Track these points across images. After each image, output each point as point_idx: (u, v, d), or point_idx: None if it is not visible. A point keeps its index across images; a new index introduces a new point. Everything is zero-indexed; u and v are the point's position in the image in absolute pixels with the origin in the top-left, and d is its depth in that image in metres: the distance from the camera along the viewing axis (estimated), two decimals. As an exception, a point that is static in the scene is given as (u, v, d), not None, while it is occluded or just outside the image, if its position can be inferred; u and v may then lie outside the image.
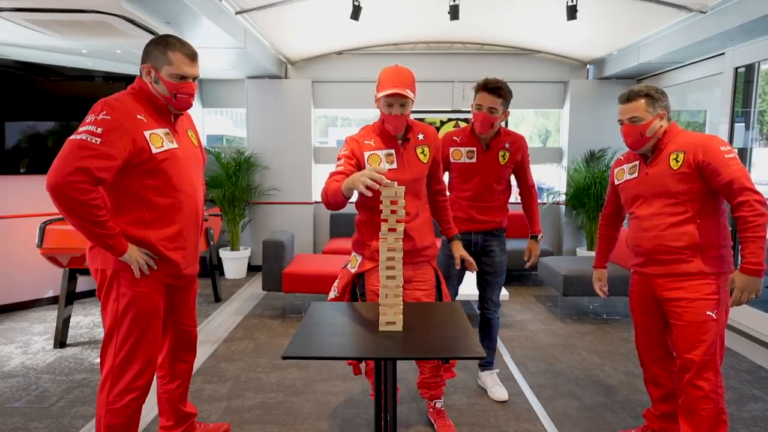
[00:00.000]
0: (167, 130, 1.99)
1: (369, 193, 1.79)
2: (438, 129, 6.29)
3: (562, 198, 6.20)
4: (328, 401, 2.94)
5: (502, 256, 2.93)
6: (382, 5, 4.54)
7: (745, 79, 4.36)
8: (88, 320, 4.34)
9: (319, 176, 6.50)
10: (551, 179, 6.83)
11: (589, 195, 5.82)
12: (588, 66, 6.24)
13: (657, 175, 2.16)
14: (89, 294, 5.02)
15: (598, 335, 4.05)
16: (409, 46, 6.07)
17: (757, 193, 1.95)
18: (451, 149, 2.82)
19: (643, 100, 2.14)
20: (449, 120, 6.27)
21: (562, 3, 4.09)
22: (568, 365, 3.48)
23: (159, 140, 1.92)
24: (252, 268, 6.21)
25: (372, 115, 7.11)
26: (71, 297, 3.85)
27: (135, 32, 3.87)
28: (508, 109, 2.70)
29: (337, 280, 2.46)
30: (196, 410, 2.45)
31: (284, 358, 1.59)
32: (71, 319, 3.96)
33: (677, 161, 2.11)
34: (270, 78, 6.05)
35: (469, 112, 6.26)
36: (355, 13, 4.11)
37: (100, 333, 4.04)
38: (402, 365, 3.36)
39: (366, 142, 2.28)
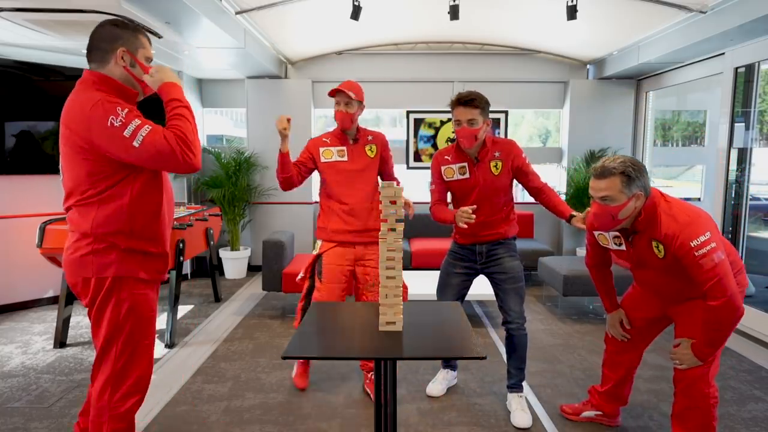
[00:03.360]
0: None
1: (285, 148, 2.67)
2: (438, 129, 6.29)
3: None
4: (328, 401, 2.94)
5: (513, 261, 2.76)
6: (382, 5, 4.54)
7: (745, 79, 4.36)
8: (88, 320, 4.34)
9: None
10: (551, 179, 6.82)
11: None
12: (588, 66, 6.24)
13: (643, 256, 2.09)
14: (89, 294, 5.02)
15: (598, 335, 4.04)
16: (409, 46, 6.06)
17: (727, 296, 1.87)
18: (443, 168, 2.74)
19: (618, 179, 1.96)
20: (449, 120, 6.27)
21: (562, 3, 4.09)
22: (568, 365, 3.47)
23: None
24: (252, 268, 6.21)
25: (372, 115, 7.11)
26: (71, 297, 3.85)
27: (135, 32, 3.87)
28: (489, 118, 2.62)
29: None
30: None
31: (284, 358, 1.59)
32: (71, 319, 3.96)
33: (659, 251, 2.01)
34: (270, 78, 6.05)
35: (469, 112, 6.25)
36: (355, 13, 4.11)
37: (100, 333, 4.03)
38: (402, 365, 3.36)
39: (324, 140, 2.89)
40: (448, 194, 2.83)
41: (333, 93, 2.79)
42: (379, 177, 2.95)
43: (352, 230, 2.81)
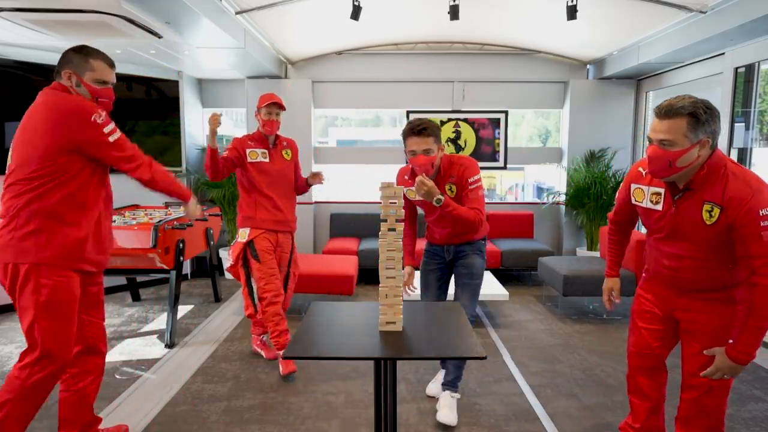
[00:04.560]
0: None
1: (214, 145, 3.13)
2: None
3: (562, 198, 6.20)
4: (328, 401, 2.94)
5: (476, 259, 2.77)
6: (382, 5, 4.54)
7: (745, 79, 4.36)
8: (88, 320, 4.34)
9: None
10: (551, 179, 6.83)
11: (589, 195, 5.82)
12: (588, 66, 6.24)
13: (686, 221, 1.81)
14: (89, 294, 5.02)
15: (598, 335, 4.04)
16: (409, 46, 6.06)
17: None
18: (405, 190, 2.72)
19: (684, 121, 1.68)
20: (449, 120, 6.27)
21: (562, 3, 4.09)
22: (568, 365, 3.47)
23: None
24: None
25: (371, 114, 7.11)
26: (71, 297, 3.85)
27: (135, 32, 3.88)
28: (442, 143, 2.60)
29: (230, 251, 3.39)
30: (101, 418, 2.46)
31: (284, 358, 1.59)
32: (71, 319, 3.96)
33: (711, 215, 1.74)
34: (270, 78, 6.05)
35: (468, 112, 6.26)
36: (355, 13, 4.11)
37: (100, 333, 4.04)
38: (402, 365, 3.36)
39: (248, 142, 3.30)
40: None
41: (267, 103, 3.24)
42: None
43: (276, 220, 3.33)
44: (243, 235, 3.31)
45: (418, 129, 2.49)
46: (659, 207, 1.88)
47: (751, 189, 1.68)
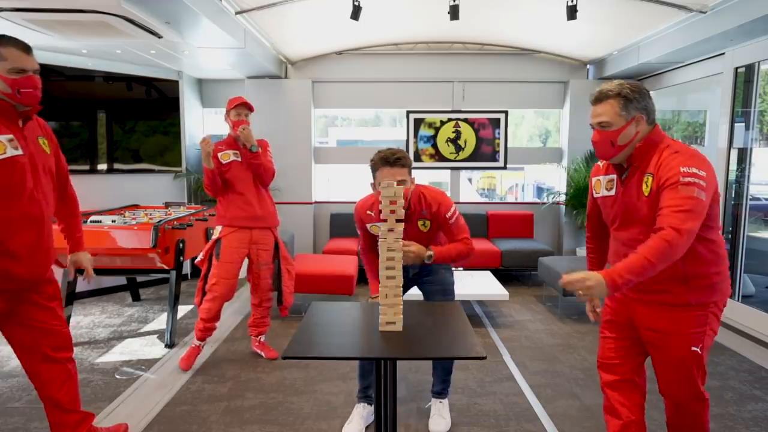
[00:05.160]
0: (11, 136, 1.94)
1: (210, 165, 3.24)
2: (438, 129, 6.29)
3: (562, 198, 6.20)
4: (328, 401, 2.94)
5: (447, 274, 2.69)
6: (382, 5, 4.54)
7: (745, 79, 4.36)
8: (88, 320, 4.34)
9: (320, 176, 6.50)
10: (551, 179, 6.83)
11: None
12: (588, 66, 6.24)
13: (632, 198, 1.84)
14: (89, 294, 5.02)
15: (598, 335, 4.04)
16: (409, 46, 6.07)
17: (685, 223, 1.60)
18: (368, 225, 2.57)
19: (615, 102, 1.81)
20: (449, 120, 6.27)
21: (562, 3, 4.09)
22: (568, 365, 3.47)
23: (2, 147, 1.90)
24: (252, 268, 6.20)
25: (371, 114, 7.11)
26: (71, 297, 3.85)
27: (135, 32, 3.87)
28: (413, 176, 2.43)
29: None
30: (94, 414, 2.37)
31: (284, 358, 1.59)
32: (71, 319, 3.96)
33: (647, 185, 1.77)
34: (270, 78, 6.05)
35: (468, 112, 6.26)
36: (355, 13, 4.11)
37: (100, 333, 4.04)
38: (402, 365, 3.36)
39: (219, 146, 3.37)
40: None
41: (236, 104, 3.32)
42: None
43: (249, 216, 3.36)
44: (216, 232, 3.42)
45: (393, 159, 2.29)
46: (612, 192, 1.93)
47: (680, 155, 1.73)
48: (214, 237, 3.41)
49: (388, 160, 2.30)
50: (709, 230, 1.78)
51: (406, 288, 2.64)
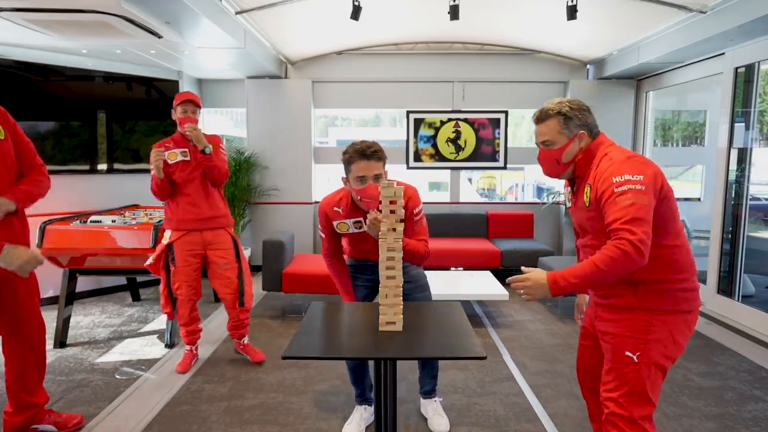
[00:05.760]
0: None
1: (161, 176, 3.10)
2: (438, 129, 6.29)
3: (562, 198, 6.20)
4: (328, 401, 2.94)
5: (417, 269, 2.60)
6: (382, 5, 4.54)
7: (745, 79, 4.36)
8: (88, 320, 4.34)
9: (320, 176, 6.50)
10: (551, 179, 6.83)
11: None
12: (588, 66, 6.24)
13: (579, 209, 1.85)
14: (89, 294, 5.02)
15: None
16: (409, 46, 6.07)
17: (635, 233, 1.55)
18: (335, 222, 2.46)
19: (555, 120, 1.83)
20: (449, 120, 6.27)
21: (562, 3, 4.09)
22: (568, 365, 3.47)
23: None
24: (252, 268, 6.19)
25: (371, 114, 7.11)
26: (71, 297, 3.85)
27: (135, 32, 3.87)
28: (387, 169, 2.33)
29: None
30: (45, 398, 2.50)
31: (284, 358, 1.59)
32: (71, 319, 3.96)
33: (587, 196, 1.77)
34: (270, 78, 6.05)
35: (468, 112, 6.26)
36: (355, 13, 4.11)
37: (100, 333, 4.04)
38: (402, 365, 3.36)
39: (166, 145, 3.24)
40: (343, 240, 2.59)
41: (182, 100, 3.22)
42: None
43: (196, 218, 3.21)
44: (166, 237, 3.29)
45: (370, 152, 2.21)
46: (570, 204, 1.96)
47: (612, 162, 1.70)
48: (164, 242, 3.28)
49: (364, 153, 2.22)
50: (661, 235, 1.67)
51: (373, 292, 2.59)
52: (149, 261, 3.35)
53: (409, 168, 6.34)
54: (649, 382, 1.68)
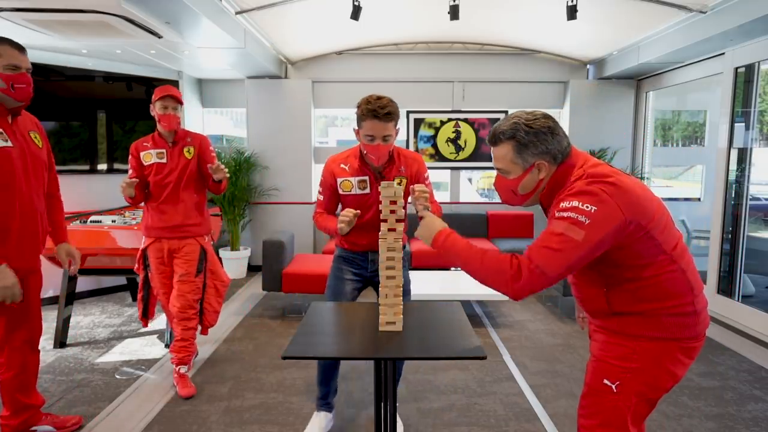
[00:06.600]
0: (0, 130, 2.10)
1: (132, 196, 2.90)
2: (438, 129, 6.29)
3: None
4: (328, 401, 2.94)
5: (404, 272, 2.46)
6: (382, 5, 4.54)
7: (745, 79, 4.36)
8: (88, 320, 4.34)
9: (320, 176, 6.49)
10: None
11: None
12: (588, 66, 6.24)
13: None
14: (89, 294, 5.02)
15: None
16: (409, 46, 6.07)
17: (533, 261, 1.39)
18: (339, 180, 2.42)
19: (507, 146, 1.51)
20: (449, 120, 6.27)
21: (562, 3, 4.09)
22: (568, 365, 3.47)
23: None
24: (252, 268, 6.21)
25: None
26: (71, 297, 3.85)
27: (135, 32, 3.87)
28: (398, 126, 2.30)
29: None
30: (41, 401, 2.50)
31: (284, 358, 1.59)
32: (71, 319, 3.96)
33: None
34: (270, 78, 6.05)
35: (468, 112, 6.26)
36: (355, 13, 4.11)
37: (100, 333, 4.04)
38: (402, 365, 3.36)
39: (144, 144, 3.01)
40: (338, 206, 2.53)
41: (161, 96, 2.88)
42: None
43: (162, 227, 2.99)
44: (143, 242, 3.13)
45: (383, 113, 2.16)
46: None
47: (574, 188, 1.44)
48: (140, 247, 3.12)
49: (376, 114, 2.14)
50: (644, 267, 1.45)
51: (361, 287, 2.56)
52: (136, 267, 3.24)
53: (409, 168, 6.33)
54: (629, 412, 1.49)
